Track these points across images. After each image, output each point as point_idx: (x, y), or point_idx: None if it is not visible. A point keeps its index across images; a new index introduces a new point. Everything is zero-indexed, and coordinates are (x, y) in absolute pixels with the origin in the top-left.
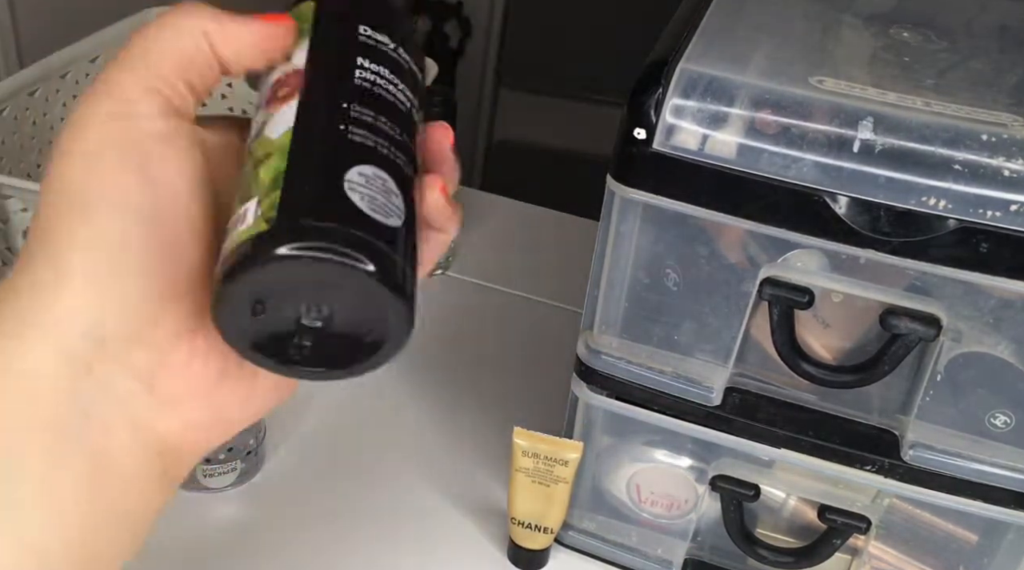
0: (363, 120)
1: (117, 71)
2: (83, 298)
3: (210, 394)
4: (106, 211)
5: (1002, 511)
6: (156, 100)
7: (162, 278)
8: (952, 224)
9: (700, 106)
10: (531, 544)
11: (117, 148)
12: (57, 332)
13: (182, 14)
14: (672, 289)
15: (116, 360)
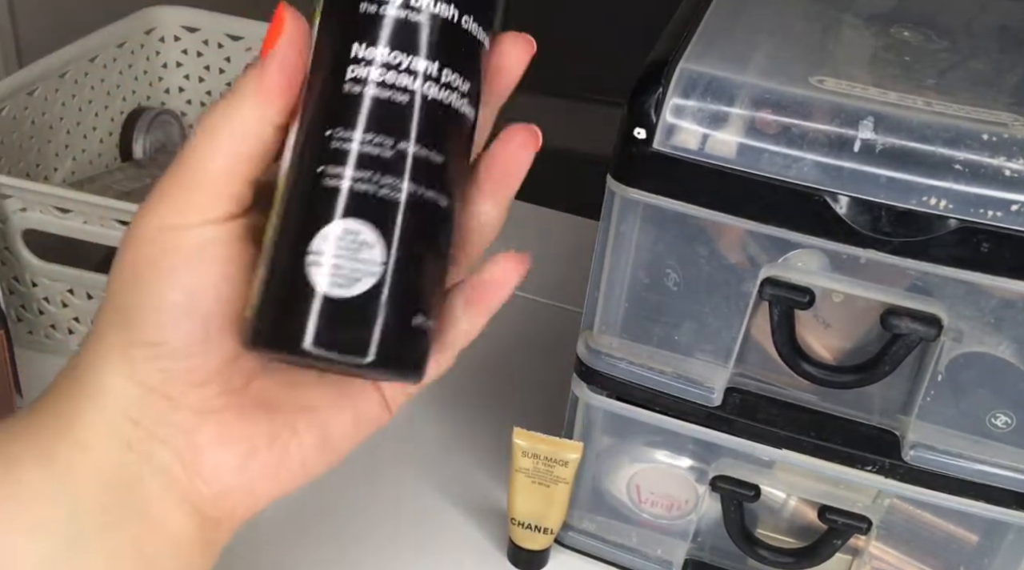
0: (342, 151)
1: (170, 186)
2: (119, 386)
3: (240, 468)
4: (142, 320)
5: (1003, 511)
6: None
7: (191, 367)
8: (953, 224)
9: (700, 106)
10: (531, 545)
11: (164, 260)
12: (105, 413)
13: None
14: (672, 289)
15: (153, 438)
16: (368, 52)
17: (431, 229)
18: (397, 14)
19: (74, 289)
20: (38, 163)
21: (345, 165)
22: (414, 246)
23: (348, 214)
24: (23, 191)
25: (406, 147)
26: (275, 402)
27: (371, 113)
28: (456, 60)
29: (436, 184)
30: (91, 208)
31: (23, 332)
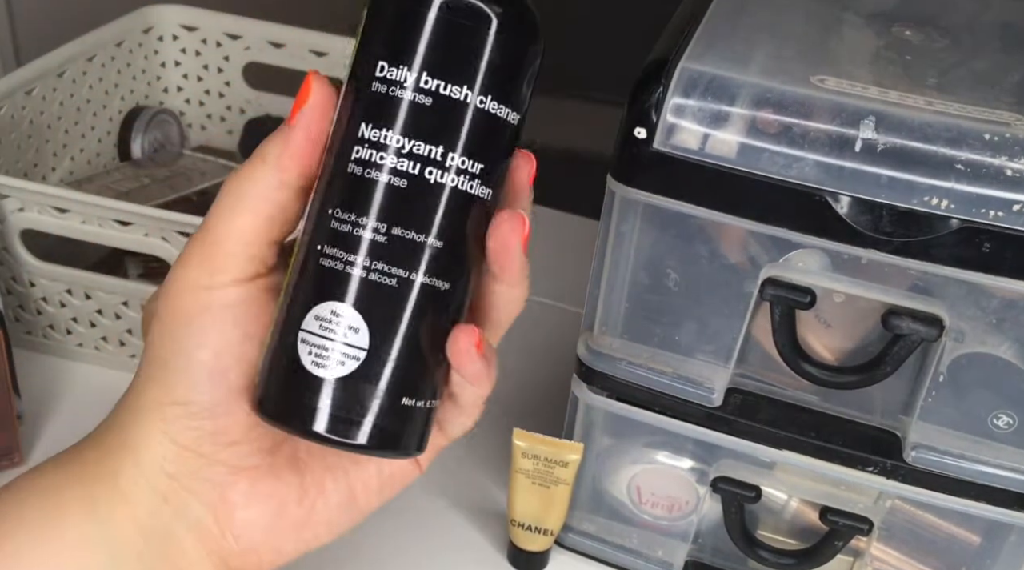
0: (339, 232)
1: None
2: (155, 441)
3: (269, 526)
4: (173, 379)
5: (1005, 513)
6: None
7: (218, 427)
8: (954, 224)
9: (701, 105)
10: (531, 546)
11: (194, 318)
12: (142, 466)
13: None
14: (673, 289)
15: (188, 491)
16: (373, 133)
17: (426, 313)
18: (404, 96)
19: (72, 289)
20: (36, 163)
21: (340, 247)
22: (405, 330)
23: (338, 297)
24: (21, 191)
25: (403, 233)
26: (304, 461)
27: (369, 197)
28: (467, 142)
29: (434, 269)
30: (89, 208)
31: (21, 332)
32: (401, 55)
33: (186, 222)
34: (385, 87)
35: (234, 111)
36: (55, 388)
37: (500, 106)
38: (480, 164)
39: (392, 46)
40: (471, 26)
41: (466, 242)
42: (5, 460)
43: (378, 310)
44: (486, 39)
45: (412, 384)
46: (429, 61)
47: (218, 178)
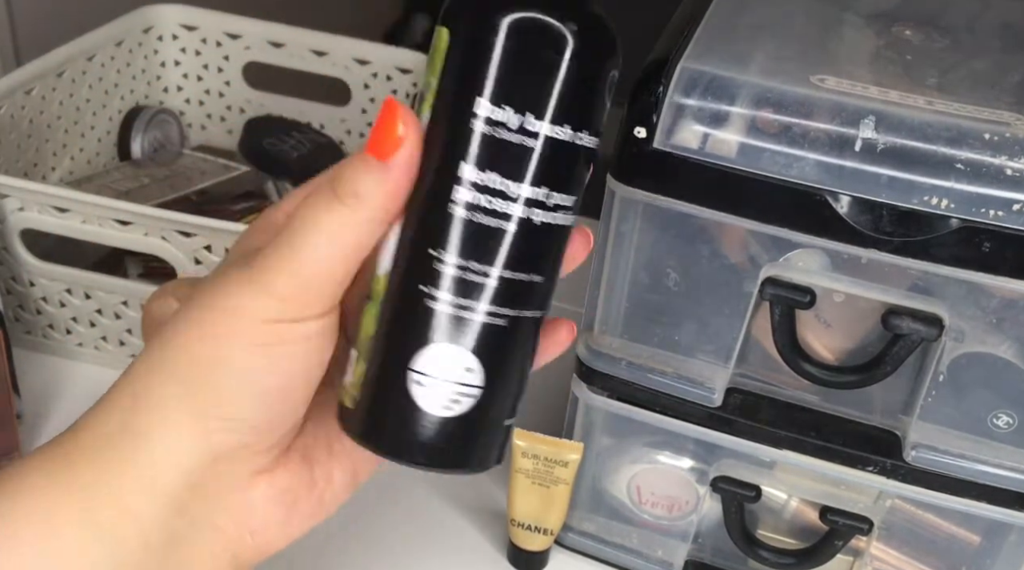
0: (446, 274)
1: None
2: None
3: (285, 519)
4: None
5: (1005, 512)
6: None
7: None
8: (954, 223)
9: (701, 105)
10: (531, 546)
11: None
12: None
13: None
14: (673, 289)
15: (207, 500)
16: (475, 175)
17: (528, 343)
18: (507, 137)
19: (72, 289)
20: (36, 162)
21: (448, 290)
22: (513, 364)
23: (450, 339)
24: (21, 190)
25: (511, 275)
26: (314, 454)
27: (474, 239)
28: (564, 179)
29: (537, 304)
30: (89, 207)
31: (21, 332)
32: (504, 95)
33: (186, 222)
34: (489, 129)
35: (234, 111)
36: (55, 388)
37: (593, 138)
38: (574, 197)
39: (493, 84)
40: (576, 67)
41: (557, 269)
42: (5, 460)
43: (491, 350)
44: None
45: (516, 407)
46: (534, 102)
47: (218, 177)
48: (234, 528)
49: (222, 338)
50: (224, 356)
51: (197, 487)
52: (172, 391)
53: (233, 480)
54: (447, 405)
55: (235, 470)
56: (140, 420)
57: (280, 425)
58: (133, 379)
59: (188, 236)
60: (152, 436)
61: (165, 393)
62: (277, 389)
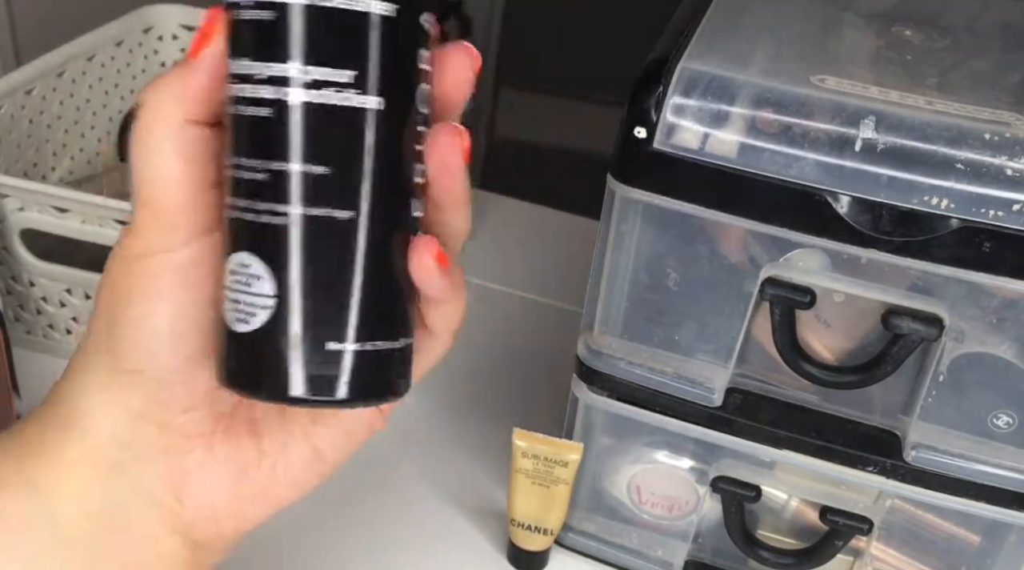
0: (233, 178)
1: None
2: (107, 411)
3: (230, 492)
4: (123, 347)
5: (1005, 512)
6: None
7: (175, 394)
8: (954, 224)
9: (701, 105)
10: (531, 545)
11: (146, 283)
12: (91, 438)
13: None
14: (673, 289)
15: (140, 462)
16: (234, 65)
17: (334, 248)
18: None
19: (72, 289)
20: (36, 162)
21: (233, 193)
22: (311, 271)
23: (241, 248)
24: (21, 190)
25: (283, 166)
26: (262, 423)
27: (242, 133)
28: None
29: (329, 199)
30: (89, 207)
31: (21, 332)
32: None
33: None
34: (235, 12)
35: None
36: None
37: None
38: (350, 71)
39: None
40: None
41: (362, 161)
42: None
43: (275, 251)
44: None
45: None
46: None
47: None
48: (171, 496)
49: (112, 287)
50: (115, 304)
51: (128, 446)
52: (90, 348)
53: (163, 443)
54: (244, 319)
55: (163, 431)
56: (74, 380)
57: (181, 376)
58: (82, 341)
59: None
60: (81, 394)
61: (85, 351)
62: (166, 330)
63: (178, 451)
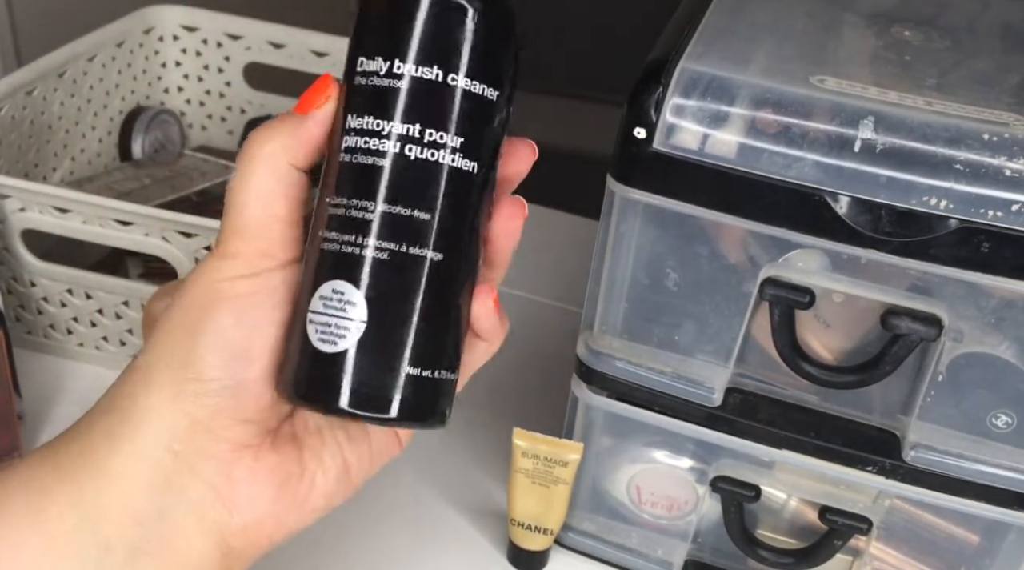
0: (333, 215)
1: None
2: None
3: (273, 499)
4: (198, 359)
5: (1004, 512)
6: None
7: (237, 405)
8: (953, 224)
9: (701, 105)
10: (531, 545)
11: (231, 303)
12: (145, 444)
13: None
14: (672, 289)
15: (191, 469)
16: (357, 122)
17: (420, 285)
18: (379, 83)
19: (73, 289)
20: (37, 163)
21: (334, 229)
22: (400, 302)
23: (338, 276)
24: (22, 191)
25: (388, 209)
26: (302, 437)
27: (354, 178)
28: (441, 117)
29: (424, 242)
30: (90, 208)
31: (22, 332)
32: (373, 47)
33: (186, 222)
34: (364, 80)
35: (234, 111)
36: (56, 388)
37: (471, 82)
38: (459, 138)
39: (365, 41)
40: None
41: (454, 213)
42: (6, 460)
43: (371, 282)
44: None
45: (417, 353)
46: (394, 48)
47: (218, 178)
48: (217, 503)
49: (192, 304)
50: (192, 318)
51: (180, 455)
52: (153, 360)
53: (215, 450)
54: (331, 340)
55: (216, 439)
56: (126, 391)
57: (252, 389)
58: (130, 363)
59: (188, 236)
60: (136, 403)
61: (147, 363)
62: (242, 346)
63: (229, 459)
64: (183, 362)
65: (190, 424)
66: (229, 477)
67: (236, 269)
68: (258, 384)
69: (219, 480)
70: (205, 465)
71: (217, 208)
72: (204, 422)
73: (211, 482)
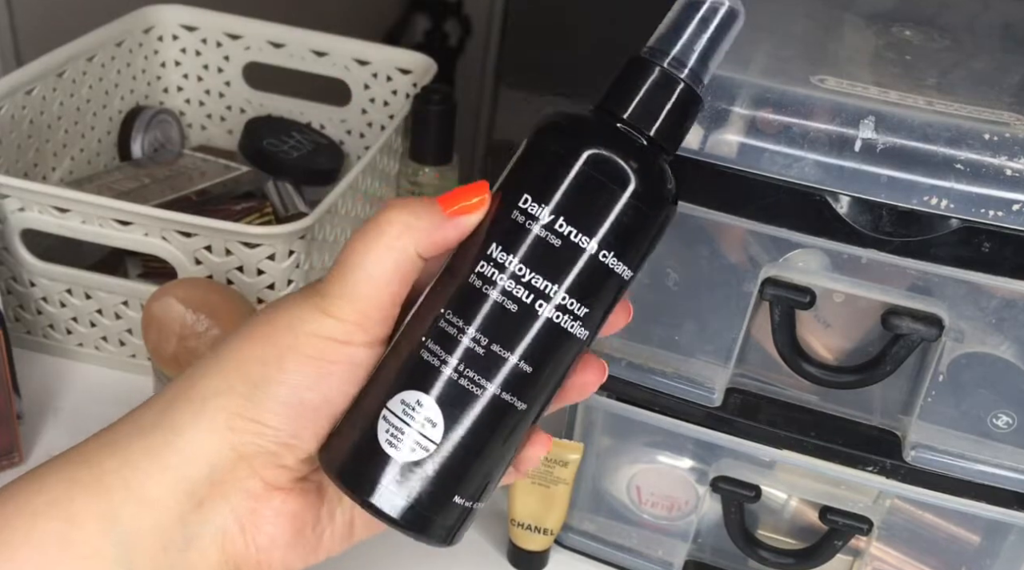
0: (446, 333)
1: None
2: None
3: (289, 544)
4: (266, 405)
5: (1004, 512)
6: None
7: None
8: (954, 224)
9: None
10: (531, 545)
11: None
12: (187, 471)
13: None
14: (673, 289)
15: (224, 499)
16: (500, 255)
17: (499, 427)
18: (536, 231)
19: (72, 289)
20: (36, 162)
21: (440, 345)
22: (475, 437)
23: (426, 389)
24: (21, 191)
25: (503, 353)
26: (326, 491)
27: (479, 309)
28: (578, 286)
29: (519, 392)
30: (89, 208)
31: (21, 332)
32: (544, 194)
33: (186, 222)
34: (523, 218)
35: (234, 111)
36: (55, 388)
37: (618, 262)
38: (586, 308)
39: (538, 184)
40: (608, 184)
41: (554, 371)
42: (5, 460)
43: (458, 410)
44: (619, 199)
45: (469, 486)
46: (565, 207)
47: (218, 178)
48: (241, 537)
49: (276, 346)
50: (273, 361)
51: (217, 484)
52: (215, 386)
53: (251, 486)
54: (402, 449)
55: (254, 477)
56: (177, 413)
57: (303, 444)
58: (181, 380)
59: (188, 236)
60: (185, 427)
61: (208, 387)
62: (311, 407)
63: (261, 497)
64: (247, 399)
65: (236, 457)
66: (256, 513)
67: (333, 331)
68: (309, 444)
69: (246, 514)
70: (237, 496)
71: (216, 208)
72: (249, 458)
73: (238, 514)
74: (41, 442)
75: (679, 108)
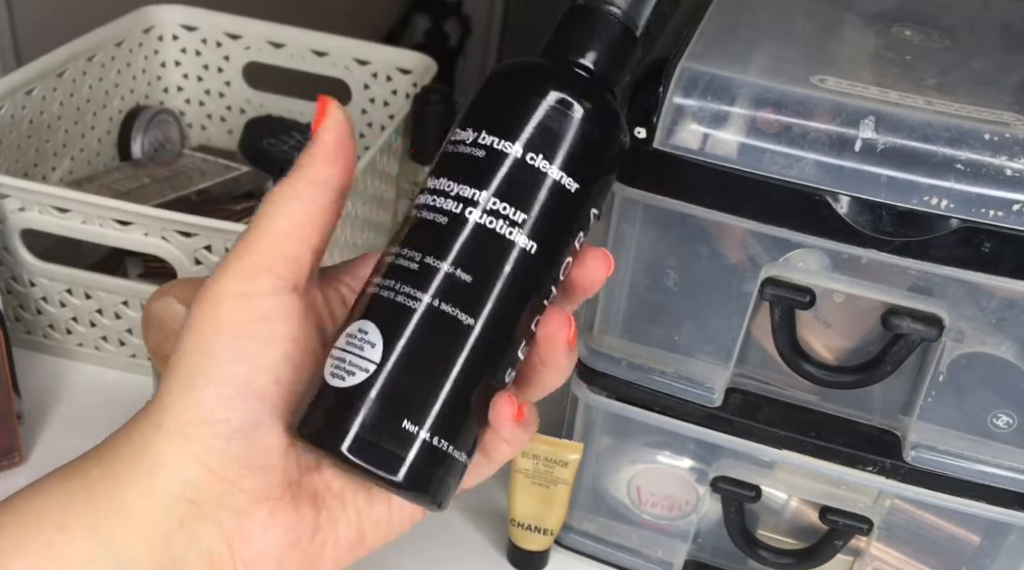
0: (386, 263)
1: (243, 249)
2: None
3: (282, 559)
4: (202, 394)
5: (1004, 512)
6: (268, 280)
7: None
8: (954, 224)
9: (701, 105)
10: (531, 546)
11: (229, 328)
12: (161, 489)
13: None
14: (673, 289)
15: (206, 518)
16: (432, 182)
17: (442, 342)
18: (461, 150)
19: (72, 289)
20: (36, 162)
21: (383, 274)
22: (417, 352)
23: (369, 316)
24: (21, 191)
25: (436, 263)
26: (324, 498)
27: (414, 231)
28: (512, 190)
29: (460, 303)
30: (89, 208)
31: (21, 332)
32: (467, 118)
33: (186, 222)
34: (451, 146)
35: (234, 111)
36: (55, 388)
37: (549, 165)
38: (523, 213)
39: (465, 112)
40: (525, 90)
41: (501, 283)
42: (5, 460)
43: (396, 326)
44: (537, 103)
45: (417, 408)
46: (484, 120)
47: (218, 178)
48: (226, 554)
49: (194, 326)
50: (198, 345)
51: (194, 502)
52: (171, 388)
53: (232, 502)
54: (343, 377)
55: (233, 491)
56: (149, 424)
57: (259, 432)
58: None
59: (188, 236)
60: (155, 441)
61: (170, 391)
62: (244, 379)
63: (244, 512)
64: (191, 399)
65: (205, 474)
66: (243, 529)
67: (227, 285)
68: (269, 426)
69: (233, 531)
70: (221, 515)
71: (216, 208)
72: (219, 471)
73: (224, 532)
74: (41, 442)
75: (590, 28)
